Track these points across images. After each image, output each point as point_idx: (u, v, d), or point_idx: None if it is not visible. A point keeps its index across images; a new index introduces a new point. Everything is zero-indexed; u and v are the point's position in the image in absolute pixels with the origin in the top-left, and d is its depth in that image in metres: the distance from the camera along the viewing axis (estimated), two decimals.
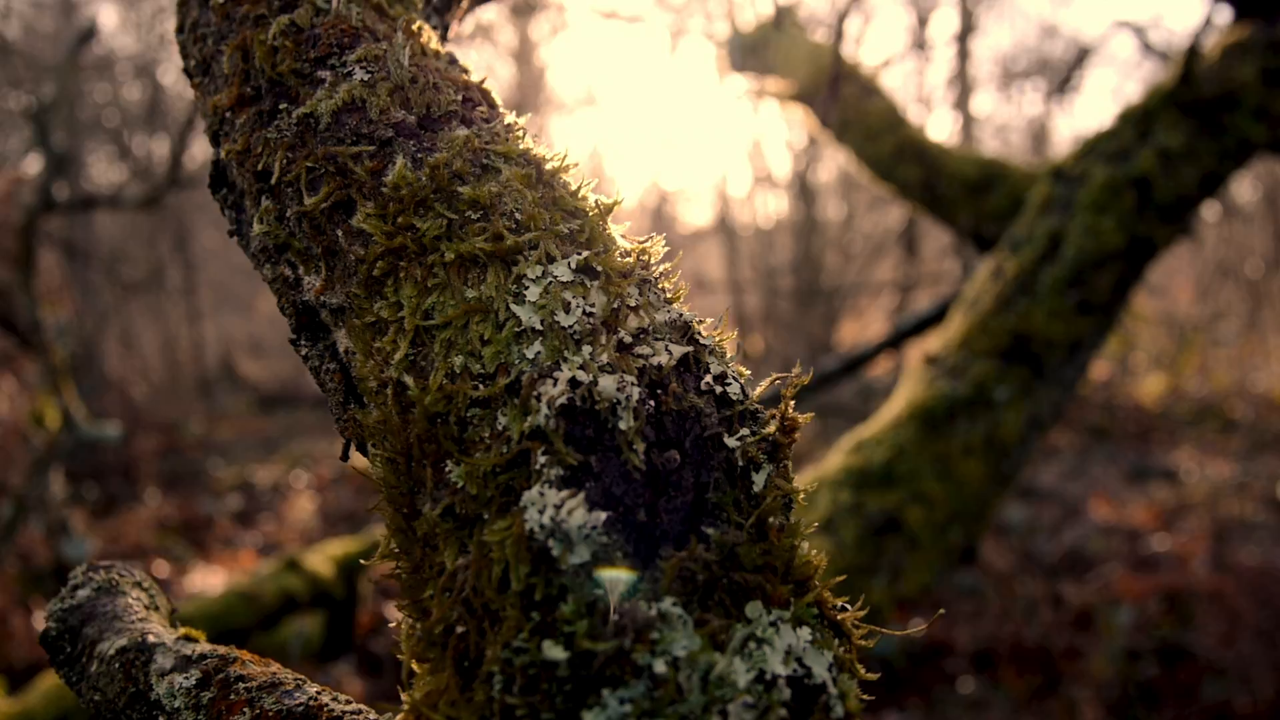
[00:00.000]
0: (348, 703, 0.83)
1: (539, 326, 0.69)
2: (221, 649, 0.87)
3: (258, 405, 14.94)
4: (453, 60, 0.87)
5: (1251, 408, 12.74)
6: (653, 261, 0.76)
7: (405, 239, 0.73)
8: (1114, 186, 2.94)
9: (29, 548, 5.47)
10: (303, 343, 0.81)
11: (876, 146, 3.84)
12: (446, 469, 0.68)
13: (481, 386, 0.68)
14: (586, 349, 0.69)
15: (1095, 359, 3.03)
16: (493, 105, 0.85)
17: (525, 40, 17.78)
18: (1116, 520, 8.62)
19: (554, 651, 0.59)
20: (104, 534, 8.61)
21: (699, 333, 0.74)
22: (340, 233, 0.76)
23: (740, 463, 0.69)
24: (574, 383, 0.67)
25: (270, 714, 0.80)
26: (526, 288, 0.71)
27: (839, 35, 3.20)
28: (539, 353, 0.69)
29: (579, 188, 0.79)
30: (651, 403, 0.68)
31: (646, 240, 0.77)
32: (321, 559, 4.64)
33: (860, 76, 4.10)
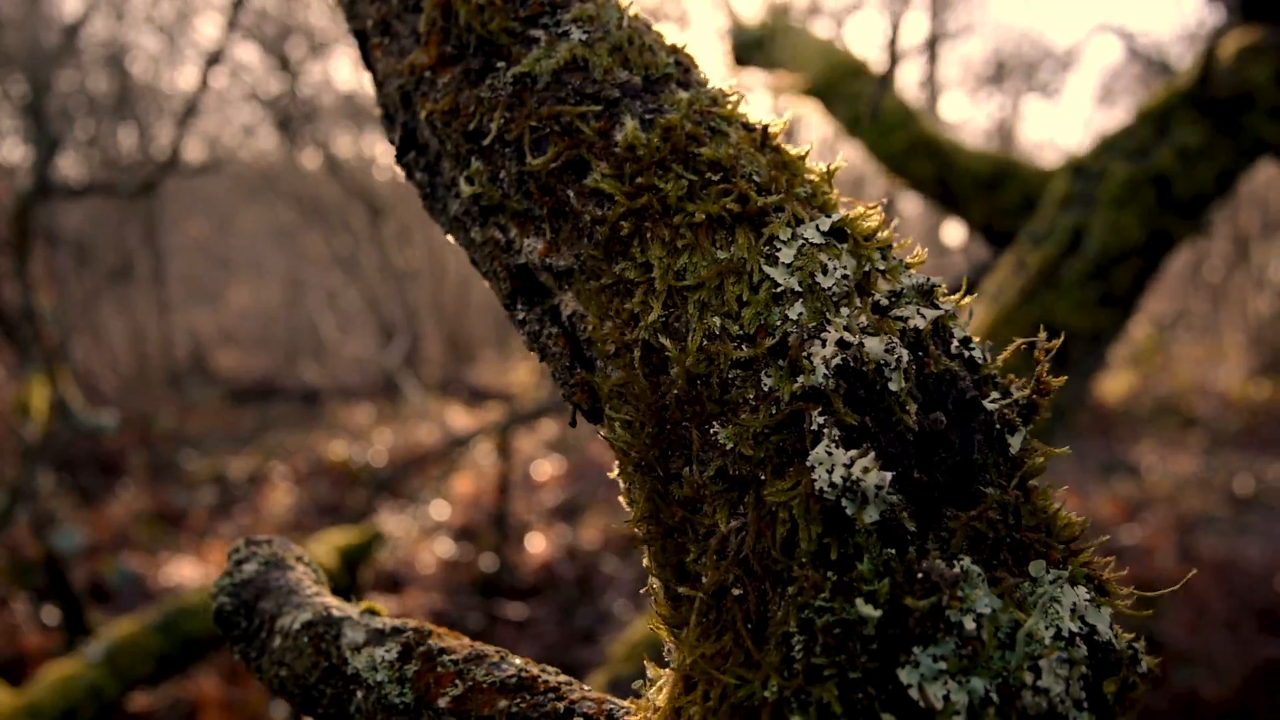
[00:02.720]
0: (556, 674, 0.81)
1: (798, 288, 0.69)
2: (413, 622, 0.86)
3: (229, 398, 14.71)
4: (648, 25, 0.86)
5: (1211, 405, 13.02)
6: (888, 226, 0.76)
7: (649, 199, 0.72)
8: (1134, 183, 2.99)
9: (17, 538, 5.33)
10: (519, 307, 0.80)
11: (889, 142, 3.87)
12: (712, 430, 0.67)
13: (745, 347, 0.68)
14: (845, 311, 0.69)
15: (1114, 351, 3.08)
16: (697, 69, 0.84)
17: None
18: (1085, 513, 8.79)
19: (866, 609, 0.58)
20: (83, 526, 8.42)
21: (939, 298, 0.73)
22: (571, 193, 0.75)
23: (997, 425, 0.69)
24: (842, 344, 0.66)
25: (484, 686, 0.78)
26: (779, 249, 0.71)
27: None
28: (801, 314, 0.68)
29: (801, 152, 0.79)
30: (913, 365, 0.68)
31: (875, 206, 0.77)
32: (324, 549, 4.58)
33: (871, 73, 4.13)
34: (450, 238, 0.87)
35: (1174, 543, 7.76)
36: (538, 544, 8.98)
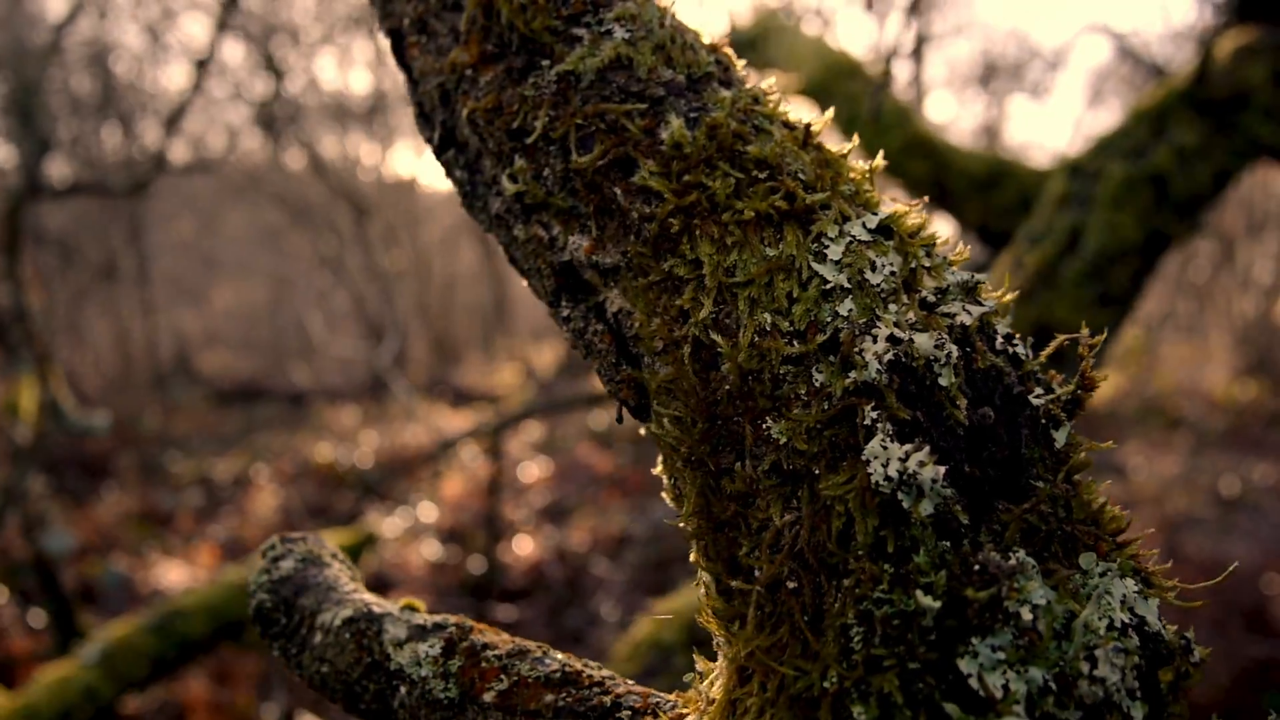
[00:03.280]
0: (599, 668, 0.82)
1: (847, 284, 0.70)
2: (454, 618, 0.86)
3: (214, 399, 14.63)
4: (684, 24, 0.87)
5: (1197, 406, 13.13)
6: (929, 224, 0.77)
7: (698, 196, 0.73)
8: (1131, 182, 3.01)
9: (7, 540, 5.28)
10: (563, 304, 0.80)
11: (885, 142, 3.89)
12: (765, 425, 0.68)
13: (796, 343, 0.68)
14: (894, 307, 0.69)
15: (1110, 351, 3.11)
16: (736, 67, 0.85)
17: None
18: None
19: (926, 601, 0.59)
20: (70, 527, 8.36)
21: (982, 295, 0.74)
22: (618, 190, 0.75)
23: (1043, 420, 0.70)
24: (893, 339, 0.67)
25: (529, 681, 0.79)
26: (827, 246, 0.71)
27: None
28: (851, 310, 0.69)
29: (843, 151, 0.80)
30: (962, 361, 0.69)
31: (916, 204, 0.78)
32: None
33: (865, 73, 4.15)
34: (490, 235, 0.87)
35: (1160, 543, 7.82)
36: (526, 546, 8.97)
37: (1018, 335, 0.74)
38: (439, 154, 0.89)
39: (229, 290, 19.44)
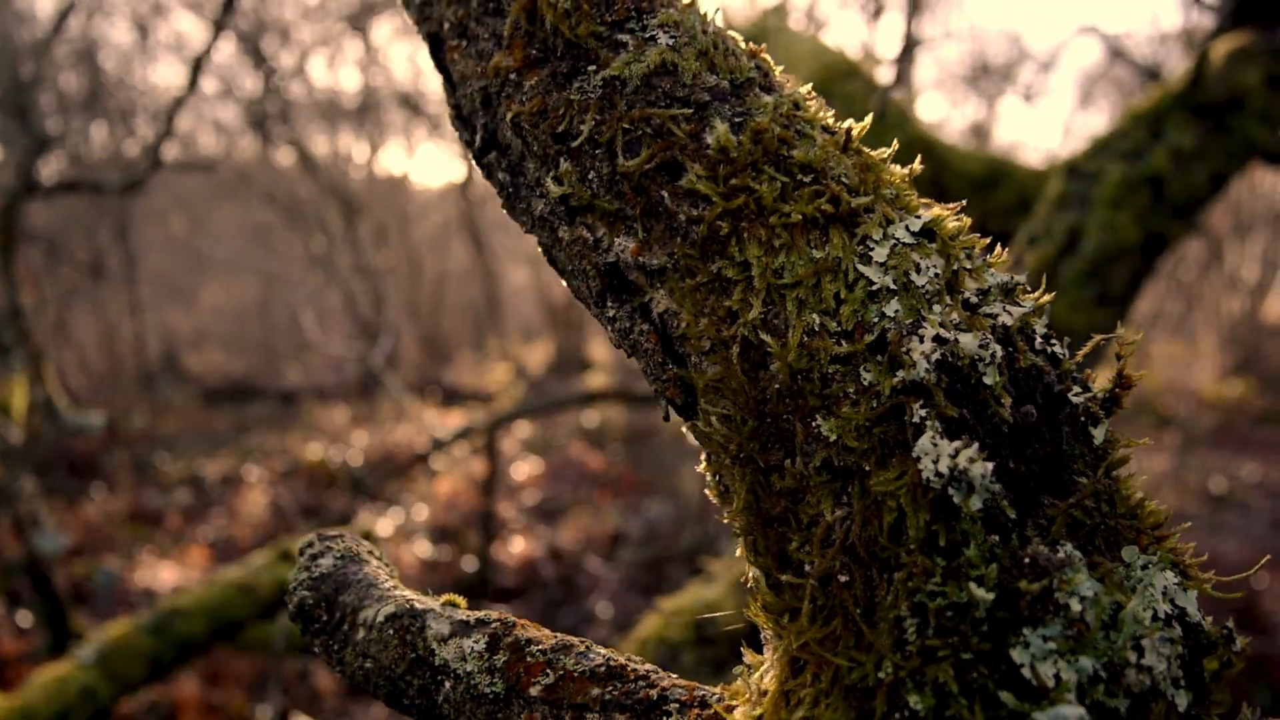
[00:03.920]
0: (642, 663, 0.84)
1: (893, 286, 0.71)
2: (495, 614, 0.87)
3: (202, 399, 14.57)
4: (724, 31, 0.88)
5: (1185, 404, 13.23)
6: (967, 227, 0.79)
7: (745, 200, 0.74)
8: (1129, 183, 3.05)
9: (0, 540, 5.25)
10: (609, 304, 0.82)
11: (885, 142, 3.91)
12: (815, 423, 0.70)
13: (843, 343, 0.70)
14: (938, 308, 0.71)
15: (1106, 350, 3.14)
16: (774, 73, 0.86)
17: None
18: None
19: (979, 593, 0.61)
20: (60, 528, 8.32)
21: (1020, 296, 0.76)
22: (665, 194, 0.77)
23: (1081, 417, 0.72)
24: (939, 339, 0.69)
25: (575, 674, 0.80)
26: (872, 249, 0.73)
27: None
28: (897, 311, 0.71)
29: (883, 155, 0.81)
30: (1005, 360, 0.71)
31: (955, 208, 0.79)
32: None
33: (864, 74, 4.17)
34: (532, 236, 0.88)
35: None
36: (518, 544, 8.98)
37: (1054, 335, 0.76)
38: (480, 157, 0.90)
39: (218, 289, 19.36)
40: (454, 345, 19.97)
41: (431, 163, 40.64)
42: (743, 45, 0.86)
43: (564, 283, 0.90)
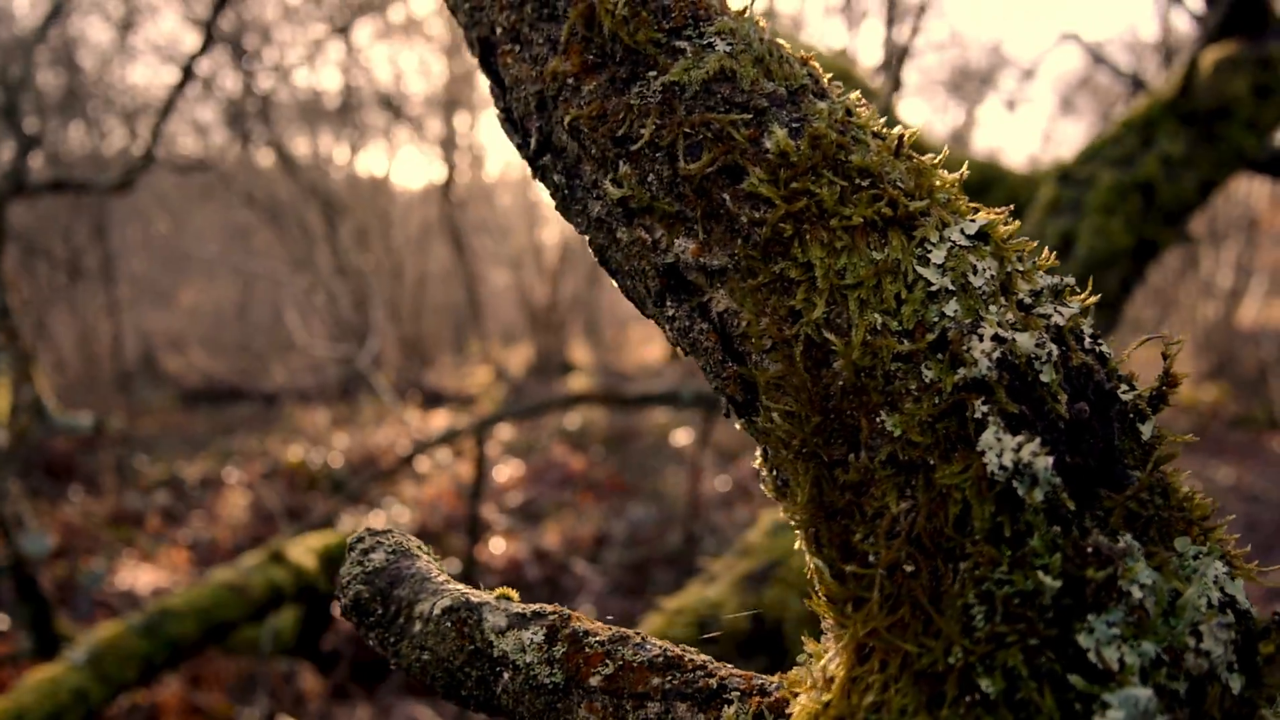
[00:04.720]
0: (697, 653, 0.86)
1: (951, 287, 0.74)
2: (550, 607, 0.89)
3: (181, 400, 14.45)
4: (777, 39, 0.91)
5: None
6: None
7: (807, 203, 0.77)
8: (1121, 190, 3.10)
9: None
10: (668, 304, 0.84)
11: None
12: (879, 419, 0.72)
13: (905, 342, 0.73)
14: (994, 308, 0.74)
15: None
16: (824, 80, 0.89)
17: (457, 35, 17.58)
18: None
19: (1046, 580, 0.64)
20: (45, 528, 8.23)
21: (1068, 297, 0.79)
22: (727, 196, 0.79)
23: (1130, 414, 0.75)
24: (998, 339, 0.72)
25: (634, 665, 0.82)
26: (930, 251, 0.76)
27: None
28: (956, 311, 0.73)
29: (934, 160, 0.84)
30: (1060, 358, 0.73)
31: (1003, 212, 0.82)
32: (302, 551, 4.55)
33: (858, 80, 4.22)
34: (586, 237, 0.91)
35: None
36: (502, 547, 8.97)
37: (1100, 335, 0.79)
38: (534, 160, 0.92)
39: (196, 289, 19.20)
40: (435, 347, 19.92)
41: (412, 164, 40.51)
42: (792, 52, 0.89)
43: (614, 282, 0.92)
